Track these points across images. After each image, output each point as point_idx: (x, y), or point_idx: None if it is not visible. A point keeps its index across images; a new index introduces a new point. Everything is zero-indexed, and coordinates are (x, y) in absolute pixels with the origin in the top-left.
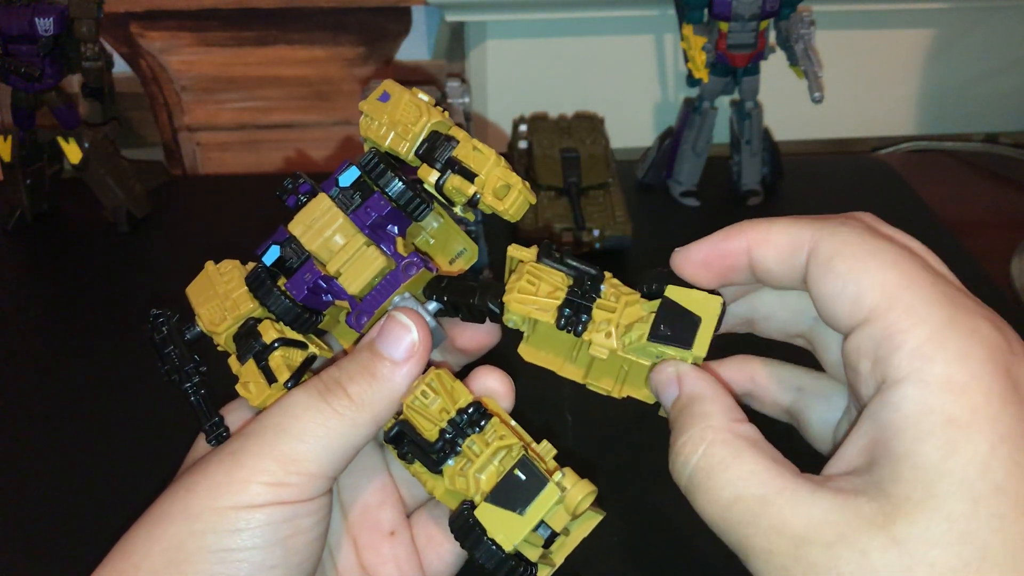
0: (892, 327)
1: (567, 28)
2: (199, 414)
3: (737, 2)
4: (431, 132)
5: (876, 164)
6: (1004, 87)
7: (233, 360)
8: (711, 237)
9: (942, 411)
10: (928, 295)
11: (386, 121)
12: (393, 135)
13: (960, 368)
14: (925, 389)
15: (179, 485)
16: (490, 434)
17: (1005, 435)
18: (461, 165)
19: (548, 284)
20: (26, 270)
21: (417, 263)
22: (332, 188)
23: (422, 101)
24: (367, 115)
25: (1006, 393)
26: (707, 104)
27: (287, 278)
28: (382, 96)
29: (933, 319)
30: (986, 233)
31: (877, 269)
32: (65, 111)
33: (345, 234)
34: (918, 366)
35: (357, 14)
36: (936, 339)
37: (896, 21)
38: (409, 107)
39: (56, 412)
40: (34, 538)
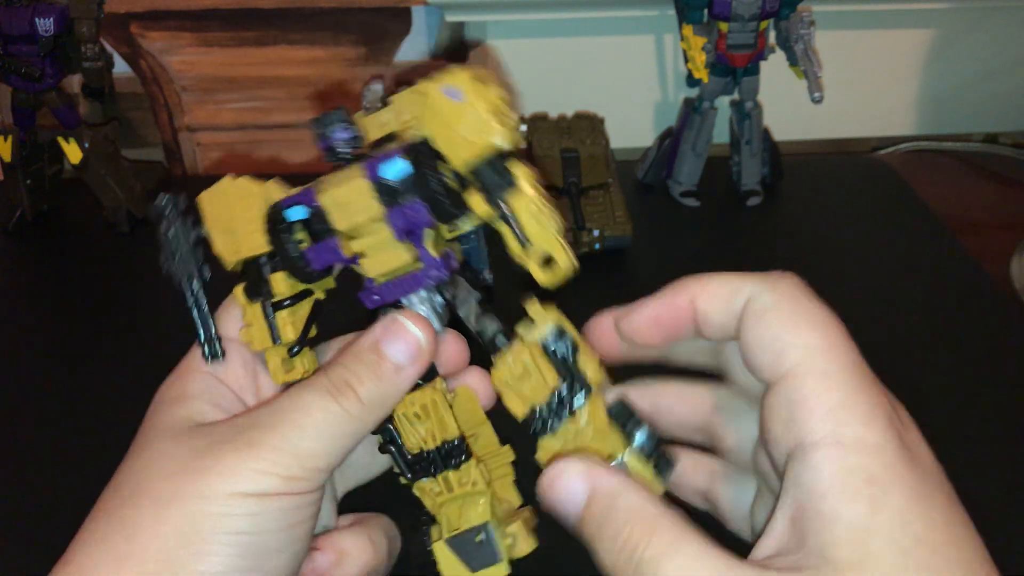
0: (807, 390)
1: (567, 28)
2: (196, 325)
3: (737, 2)
4: (497, 154)
5: (876, 164)
6: (1004, 87)
7: (240, 292)
8: (656, 297)
9: (862, 470)
10: (843, 362)
11: (451, 123)
12: (455, 142)
13: (869, 430)
14: (843, 450)
15: (183, 467)
16: (464, 476)
17: (914, 490)
18: (519, 224)
19: (537, 379)
20: (26, 270)
21: (442, 271)
22: (370, 171)
23: (500, 123)
24: (430, 107)
25: (905, 453)
26: (707, 104)
27: (310, 239)
28: (451, 91)
29: (844, 386)
30: (986, 233)
31: (803, 328)
32: (65, 111)
33: (378, 227)
34: (832, 428)
35: (357, 14)
36: (847, 404)
37: (896, 21)
38: (480, 119)
39: (56, 412)
40: (35, 539)
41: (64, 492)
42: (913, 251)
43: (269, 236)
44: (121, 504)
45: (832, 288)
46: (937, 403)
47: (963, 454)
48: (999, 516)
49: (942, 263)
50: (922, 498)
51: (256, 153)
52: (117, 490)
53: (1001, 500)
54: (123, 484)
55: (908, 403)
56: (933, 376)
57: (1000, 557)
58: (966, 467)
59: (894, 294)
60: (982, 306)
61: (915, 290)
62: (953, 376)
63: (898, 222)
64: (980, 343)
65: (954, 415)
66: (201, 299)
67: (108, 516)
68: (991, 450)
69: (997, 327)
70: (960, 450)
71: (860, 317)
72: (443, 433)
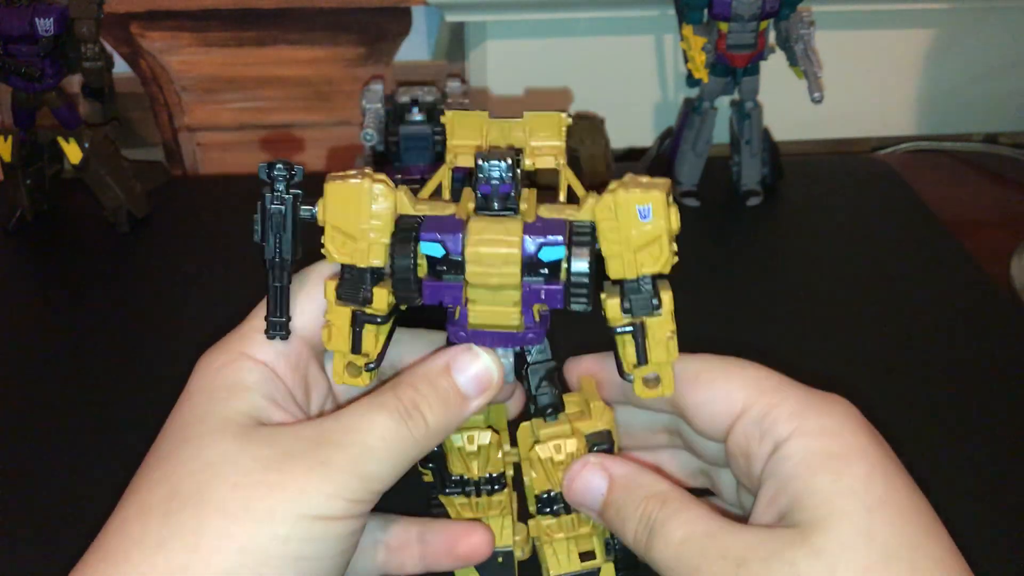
0: (767, 406)
1: (567, 28)
2: (272, 302)
3: (737, 2)
4: (654, 277)
5: (876, 164)
6: (1004, 87)
7: (332, 289)
8: (592, 356)
9: (823, 450)
10: (785, 382)
11: (630, 239)
12: (624, 255)
13: (828, 420)
14: (806, 438)
15: (250, 478)
16: (494, 499)
17: (876, 463)
18: (645, 345)
19: (566, 459)
20: (26, 270)
21: (540, 337)
22: (529, 245)
23: (673, 254)
24: (616, 209)
25: (869, 435)
26: (707, 104)
27: (432, 274)
28: (644, 210)
29: (796, 394)
30: (986, 233)
31: (738, 373)
32: (65, 111)
33: (506, 292)
34: (796, 424)
35: (357, 14)
36: (803, 405)
37: (896, 21)
38: (660, 249)
39: (56, 412)
40: (35, 539)
41: (65, 492)
42: (913, 251)
43: (391, 256)
44: (182, 508)
45: (832, 288)
46: (937, 403)
47: (963, 454)
48: (999, 515)
49: (942, 263)
50: (885, 468)
51: (256, 153)
52: (175, 490)
53: (1001, 500)
54: (181, 482)
55: (908, 403)
56: (933, 376)
57: (1000, 555)
58: (966, 467)
59: (894, 294)
60: (982, 306)
61: (915, 290)
62: (953, 376)
63: (898, 222)
64: (980, 343)
65: (954, 415)
66: (284, 279)
67: (166, 519)
68: (991, 450)
69: (997, 327)
70: (960, 450)
71: (860, 317)
72: (488, 468)
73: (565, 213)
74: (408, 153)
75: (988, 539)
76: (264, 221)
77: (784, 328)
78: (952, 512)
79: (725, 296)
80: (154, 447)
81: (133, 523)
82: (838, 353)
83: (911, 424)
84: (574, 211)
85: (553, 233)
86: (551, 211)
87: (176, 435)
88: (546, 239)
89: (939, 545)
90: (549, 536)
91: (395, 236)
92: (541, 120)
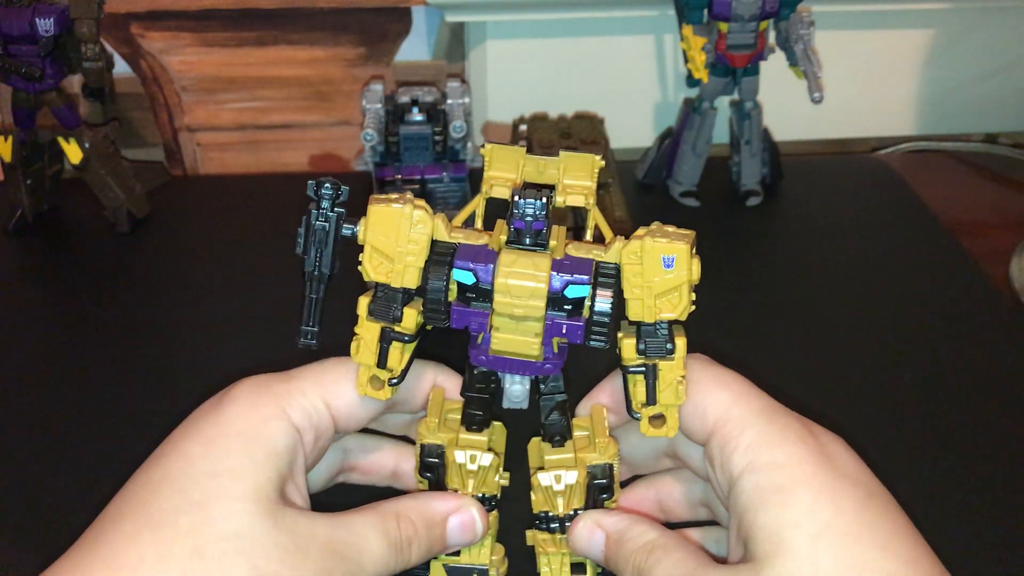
0: (727, 437)
1: (567, 28)
2: (306, 312)
3: (737, 3)
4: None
5: (876, 164)
6: (1004, 87)
7: (364, 305)
8: (607, 384)
9: (770, 484)
10: (752, 408)
11: (652, 285)
12: (644, 300)
13: (779, 453)
14: (756, 474)
15: (270, 569)
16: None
17: (821, 489)
18: (655, 386)
19: (567, 498)
20: (26, 270)
21: (557, 368)
22: (556, 282)
23: (691, 302)
24: (642, 255)
25: (818, 462)
26: (707, 104)
27: (461, 300)
28: (668, 260)
29: (757, 424)
30: (986, 233)
31: (716, 392)
32: (66, 111)
33: (529, 323)
34: (749, 459)
35: (357, 14)
36: (759, 438)
37: (896, 21)
38: (681, 297)
39: (56, 412)
40: (34, 539)
41: (64, 493)
42: (913, 251)
43: (424, 279)
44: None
45: (831, 288)
46: (936, 403)
47: (963, 454)
48: (999, 515)
49: (942, 263)
50: (832, 493)
51: (256, 153)
52: (199, 549)
53: (1001, 500)
54: (207, 545)
55: (907, 403)
56: (932, 376)
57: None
58: (966, 467)
59: (894, 294)
60: (982, 306)
61: (915, 290)
62: (952, 376)
63: (898, 222)
64: (980, 343)
65: (953, 415)
66: (320, 291)
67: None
68: (991, 450)
69: (997, 327)
70: (960, 450)
71: (859, 317)
72: (483, 488)
73: (592, 253)
74: (408, 153)
75: (987, 538)
76: (307, 236)
77: (784, 328)
78: (951, 511)
79: (725, 296)
80: (167, 453)
81: (148, 546)
82: (837, 353)
83: (910, 424)
84: (601, 252)
85: (580, 272)
86: (579, 250)
87: (203, 470)
88: (572, 277)
89: (896, 556)
90: (543, 548)
91: (430, 261)
92: (575, 161)
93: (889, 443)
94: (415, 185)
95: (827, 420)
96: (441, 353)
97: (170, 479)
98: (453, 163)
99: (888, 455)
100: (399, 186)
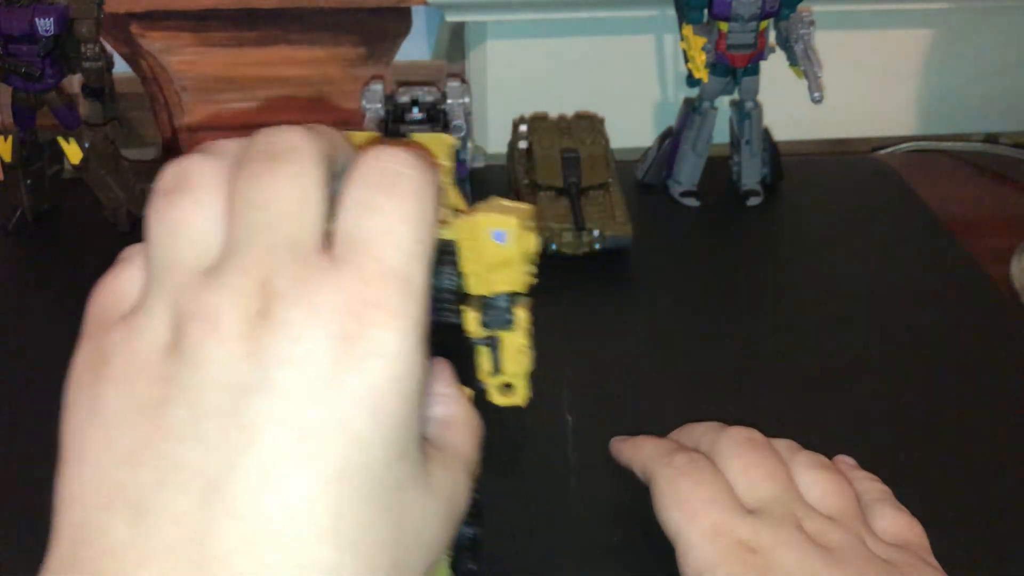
0: (680, 554)
1: (567, 28)
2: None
3: (737, 3)
4: (510, 295)
5: (876, 164)
6: (1004, 87)
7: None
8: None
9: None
10: (700, 528)
11: (487, 259)
12: (480, 274)
13: (720, 572)
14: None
15: None
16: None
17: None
18: (500, 357)
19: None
20: (26, 270)
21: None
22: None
23: (527, 276)
24: (474, 232)
25: (731, 552)
26: (707, 104)
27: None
28: (499, 234)
29: (701, 546)
30: (986, 233)
31: (672, 511)
32: (65, 111)
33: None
34: (692, 569)
35: (357, 14)
36: (704, 560)
37: (896, 21)
38: (514, 271)
39: (56, 412)
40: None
41: None
42: (913, 251)
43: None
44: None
45: (831, 288)
46: (936, 403)
47: (963, 454)
48: (1000, 515)
49: (942, 263)
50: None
51: None
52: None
53: (1001, 500)
54: None
55: (906, 402)
56: (932, 376)
57: (1001, 554)
58: (966, 467)
59: (893, 294)
60: (982, 306)
61: (914, 290)
62: (952, 376)
63: (898, 222)
64: (980, 343)
65: (953, 415)
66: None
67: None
68: (991, 450)
69: (997, 327)
70: (960, 450)
71: (859, 317)
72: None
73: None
74: None
75: (986, 538)
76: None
77: (783, 328)
78: (951, 512)
79: (724, 296)
80: None
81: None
82: (837, 352)
83: (910, 424)
84: (441, 229)
85: None
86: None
87: None
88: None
89: None
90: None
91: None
92: (428, 142)
93: (888, 443)
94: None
95: (827, 420)
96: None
97: None
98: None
99: (887, 455)
100: None
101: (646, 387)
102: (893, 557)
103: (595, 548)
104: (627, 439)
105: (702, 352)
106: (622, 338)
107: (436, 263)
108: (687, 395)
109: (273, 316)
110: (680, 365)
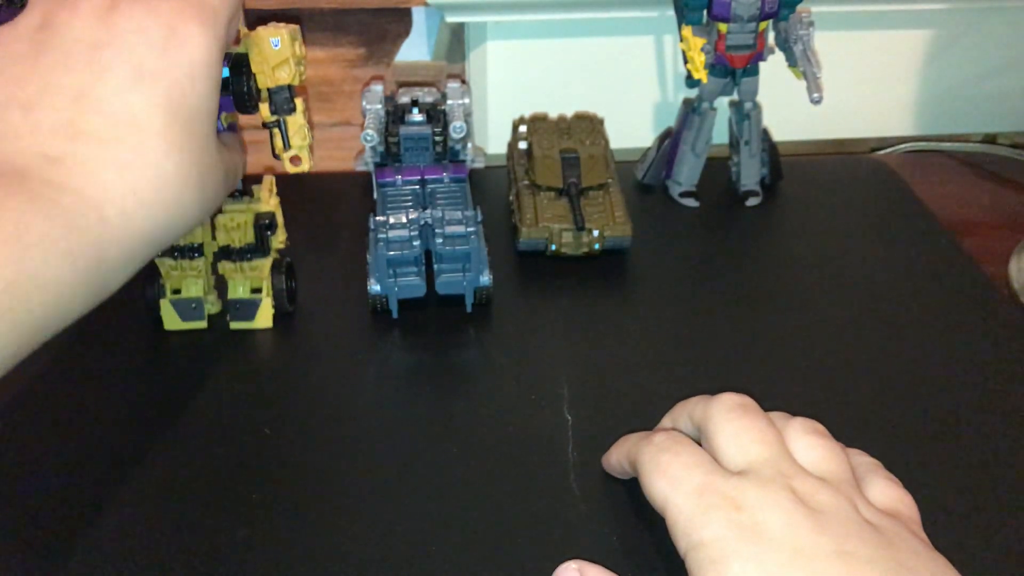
0: (671, 521)
1: (567, 29)
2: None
3: (736, 4)
4: (288, 87)
5: (875, 164)
6: (1004, 87)
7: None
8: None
9: (707, 558)
10: (685, 490)
11: (268, 60)
12: (265, 72)
13: (707, 533)
14: (695, 551)
15: None
16: (194, 264)
17: (748, 558)
18: (287, 134)
19: (237, 226)
20: None
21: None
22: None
23: (297, 70)
24: (257, 43)
25: (741, 536)
26: (706, 105)
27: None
28: (275, 40)
29: (688, 505)
30: (985, 233)
31: (657, 480)
32: None
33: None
34: (688, 538)
35: (357, 15)
36: (692, 521)
37: (896, 21)
38: (288, 66)
39: (56, 412)
40: (36, 542)
41: (65, 491)
42: (912, 251)
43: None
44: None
45: (831, 288)
46: (936, 403)
47: (962, 455)
48: (997, 515)
49: (941, 263)
50: (757, 560)
51: (256, 153)
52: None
53: (1001, 501)
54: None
55: (906, 402)
56: (931, 376)
57: (1001, 554)
58: (966, 467)
59: (893, 294)
60: (981, 306)
61: (913, 290)
62: (951, 376)
63: (897, 222)
64: (979, 343)
65: (953, 415)
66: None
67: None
68: (991, 451)
69: (996, 327)
70: (959, 451)
71: (859, 317)
72: (190, 238)
73: (232, 48)
74: (408, 154)
75: (987, 540)
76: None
77: (783, 328)
78: (950, 512)
79: (724, 296)
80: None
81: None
82: (837, 352)
83: (909, 424)
84: (238, 47)
85: (226, 63)
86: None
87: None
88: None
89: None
90: (231, 276)
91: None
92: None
93: (887, 443)
94: (415, 186)
95: (826, 420)
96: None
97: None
98: (453, 163)
99: (886, 455)
100: (399, 187)
101: (646, 386)
102: (883, 524)
103: (595, 548)
104: (612, 448)
105: (701, 352)
106: (622, 338)
107: (237, 73)
108: (687, 395)
109: (120, 9)
110: (679, 365)
